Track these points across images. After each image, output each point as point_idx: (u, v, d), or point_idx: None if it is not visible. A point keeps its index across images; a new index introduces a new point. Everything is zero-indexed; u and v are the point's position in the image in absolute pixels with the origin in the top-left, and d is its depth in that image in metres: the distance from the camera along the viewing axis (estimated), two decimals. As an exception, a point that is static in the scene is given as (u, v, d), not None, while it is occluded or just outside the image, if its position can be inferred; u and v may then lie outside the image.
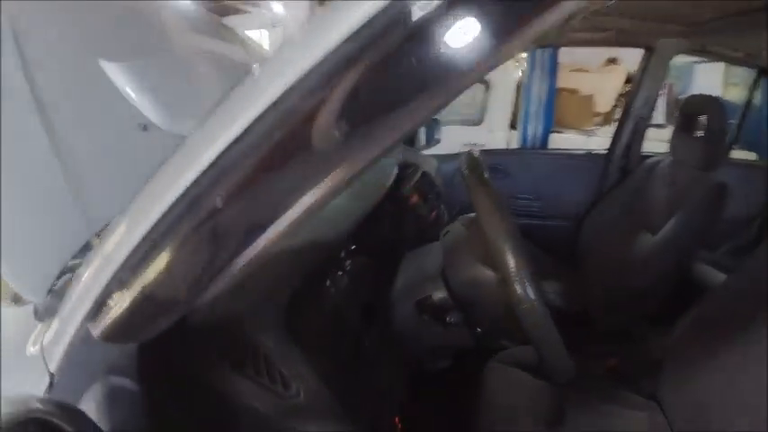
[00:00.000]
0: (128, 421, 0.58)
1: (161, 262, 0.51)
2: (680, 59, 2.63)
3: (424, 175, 1.78)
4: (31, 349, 0.66)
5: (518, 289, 0.88)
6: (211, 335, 0.71)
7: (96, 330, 0.55)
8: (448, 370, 1.27)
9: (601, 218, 2.09)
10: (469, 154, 1.05)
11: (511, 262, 0.88)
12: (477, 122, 4.46)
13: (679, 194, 1.68)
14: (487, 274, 1.05)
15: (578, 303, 1.71)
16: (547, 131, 4.07)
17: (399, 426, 1.03)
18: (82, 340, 0.58)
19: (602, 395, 1.19)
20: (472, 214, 1.18)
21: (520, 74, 4.28)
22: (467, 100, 4.49)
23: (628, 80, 4.70)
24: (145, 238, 0.51)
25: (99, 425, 0.52)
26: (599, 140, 4.06)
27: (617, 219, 1.99)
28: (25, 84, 0.82)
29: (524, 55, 3.90)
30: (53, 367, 0.61)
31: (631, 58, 2.31)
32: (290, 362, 0.74)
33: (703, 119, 1.66)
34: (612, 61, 5.01)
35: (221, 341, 0.72)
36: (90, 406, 0.58)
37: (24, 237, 0.84)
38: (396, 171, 1.50)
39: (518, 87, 4.33)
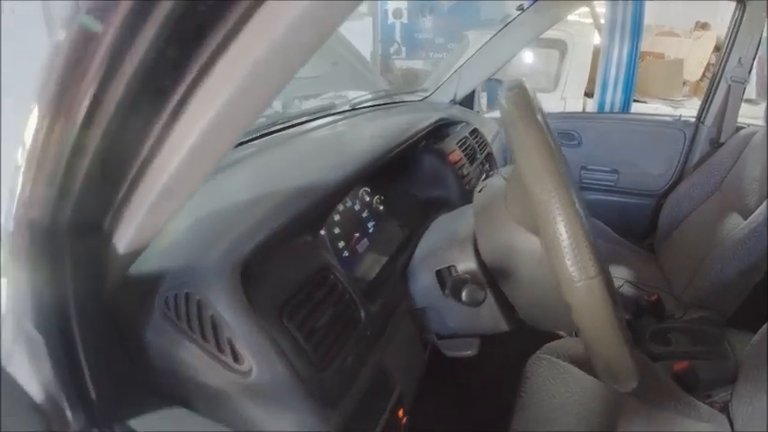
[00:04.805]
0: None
1: None
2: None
3: (475, 133, 1.62)
4: None
5: (567, 259, 0.58)
6: (154, 281, 0.60)
7: None
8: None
9: (686, 196, 1.86)
10: (515, 81, 0.72)
11: (559, 219, 0.59)
12: (550, 89, 4.18)
13: None
14: (527, 238, 0.76)
15: (653, 293, 1.53)
16: (627, 100, 3.76)
17: (403, 419, 0.84)
18: None
19: (664, 401, 1.05)
20: None
21: (597, 37, 3.96)
22: (539, 65, 4.25)
23: (716, 48, 4.28)
24: None
25: None
26: (687, 113, 3.72)
27: (704, 198, 1.79)
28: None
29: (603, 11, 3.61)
30: None
31: (723, 24, 2.02)
32: (241, 330, 0.59)
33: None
34: (703, 26, 4.57)
35: (165, 288, 0.60)
36: None
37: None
38: (429, 123, 1.37)
39: (595, 52, 4.01)
